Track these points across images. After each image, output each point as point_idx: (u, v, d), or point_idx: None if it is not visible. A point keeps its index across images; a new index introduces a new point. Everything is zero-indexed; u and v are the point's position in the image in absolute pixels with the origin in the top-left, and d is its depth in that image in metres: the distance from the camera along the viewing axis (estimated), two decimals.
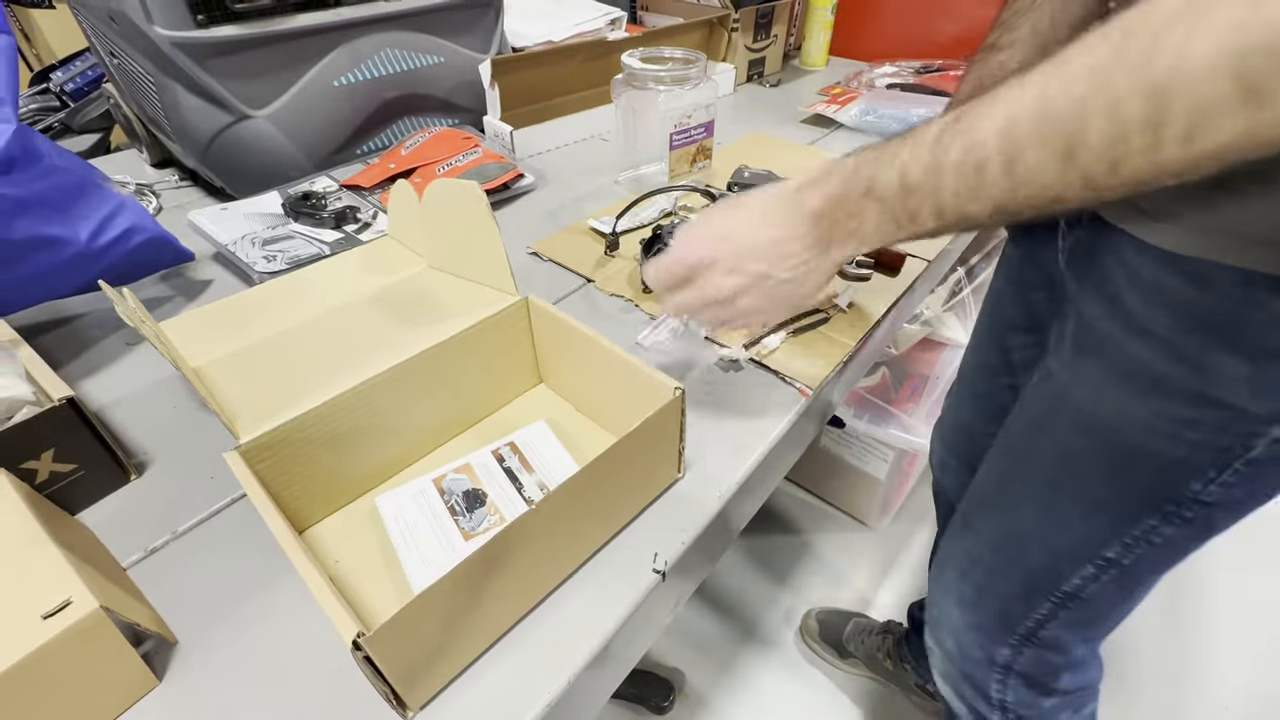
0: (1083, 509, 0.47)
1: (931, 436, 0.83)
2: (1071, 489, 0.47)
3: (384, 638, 0.26)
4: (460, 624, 0.32)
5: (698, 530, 0.42)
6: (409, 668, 0.30)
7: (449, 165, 0.76)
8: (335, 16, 0.72)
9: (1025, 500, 0.51)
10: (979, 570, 0.57)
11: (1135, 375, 0.40)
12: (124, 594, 0.35)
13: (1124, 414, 0.42)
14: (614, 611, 0.37)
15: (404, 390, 0.43)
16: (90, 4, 0.69)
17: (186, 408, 0.50)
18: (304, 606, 0.38)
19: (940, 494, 0.84)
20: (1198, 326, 0.37)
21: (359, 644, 0.25)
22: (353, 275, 0.55)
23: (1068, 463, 0.47)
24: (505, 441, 0.45)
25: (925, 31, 1.25)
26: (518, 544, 0.32)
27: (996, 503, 0.55)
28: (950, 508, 0.81)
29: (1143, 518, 0.44)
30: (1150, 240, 0.37)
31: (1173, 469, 0.41)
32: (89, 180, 0.53)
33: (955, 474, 0.78)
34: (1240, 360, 0.36)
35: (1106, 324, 0.41)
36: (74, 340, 0.57)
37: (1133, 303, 0.40)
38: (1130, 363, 0.40)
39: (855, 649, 1.05)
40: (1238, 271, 0.34)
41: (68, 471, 0.41)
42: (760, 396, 0.52)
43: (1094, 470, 0.45)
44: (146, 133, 0.84)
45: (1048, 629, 0.53)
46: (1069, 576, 0.49)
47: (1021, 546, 0.52)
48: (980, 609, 0.57)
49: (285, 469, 0.37)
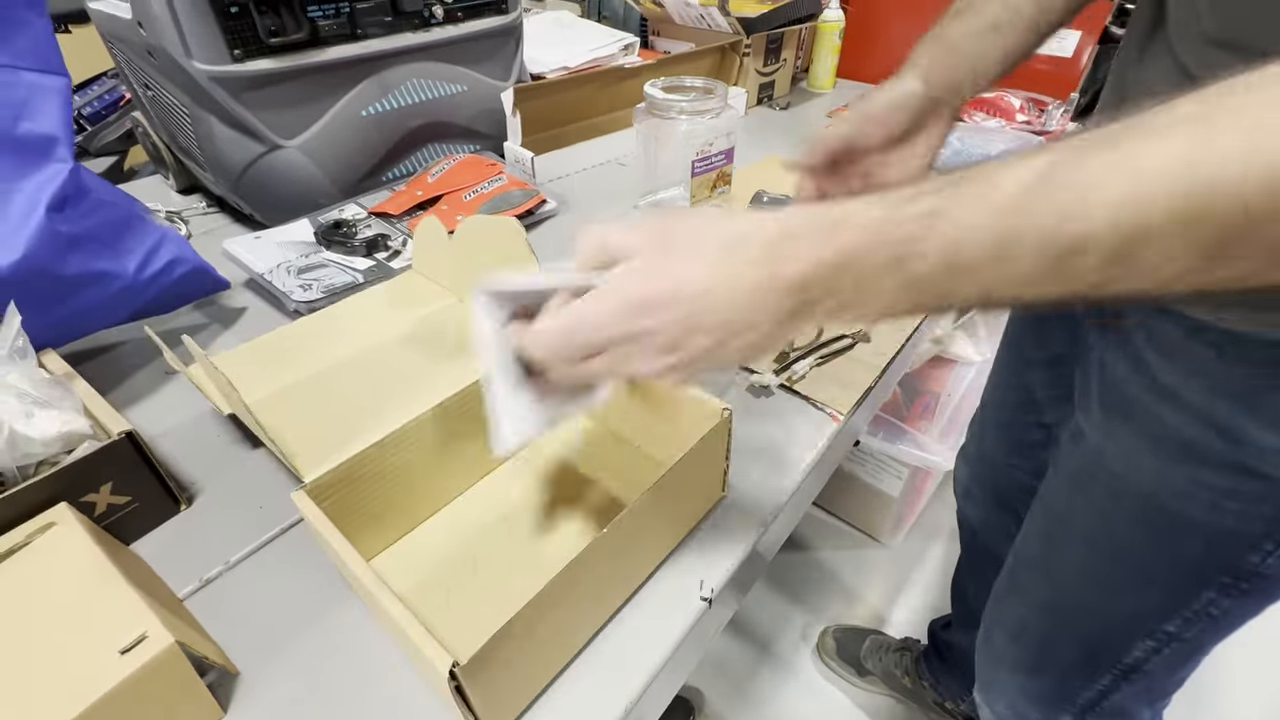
0: (1133, 580, 0.45)
1: (955, 463, 0.83)
2: (1117, 557, 0.46)
3: (474, 668, 0.27)
4: (531, 658, 0.33)
5: (741, 557, 0.43)
6: (493, 698, 0.31)
7: (475, 192, 0.77)
8: (364, 49, 0.74)
9: (1072, 566, 0.50)
10: (1032, 636, 0.55)
11: (1167, 441, 0.39)
12: (187, 626, 0.36)
13: (1161, 481, 0.40)
14: (665, 640, 0.38)
15: (449, 425, 0.44)
16: (127, 39, 0.70)
17: (229, 438, 0.51)
18: (359, 636, 0.38)
19: (964, 522, 0.84)
20: (1227, 394, 0.35)
21: (454, 674, 0.26)
22: (382, 311, 0.56)
23: (1109, 529, 0.45)
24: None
25: None
26: (588, 568, 0.33)
27: (1043, 565, 0.53)
28: (974, 535, 0.82)
29: (1199, 592, 0.42)
30: (1173, 305, 0.36)
31: (1223, 540, 0.39)
32: (134, 214, 0.54)
33: (979, 504, 0.78)
34: (1274, 432, 0.34)
35: (1133, 385, 0.40)
36: (114, 369, 0.58)
37: (1158, 366, 0.38)
38: (1161, 428, 0.39)
39: (873, 666, 1.06)
40: (1268, 341, 0.33)
41: (123, 504, 0.42)
42: (792, 422, 0.53)
43: (1138, 538, 0.43)
44: (175, 160, 0.86)
45: (1111, 699, 0.51)
46: (1129, 649, 0.48)
47: (1074, 614, 0.51)
48: (1038, 677, 0.56)
49: (346, 506, 0.38)
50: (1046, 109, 1.05)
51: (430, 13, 0.78)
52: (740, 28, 1.10)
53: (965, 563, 0.87)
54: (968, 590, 0.87)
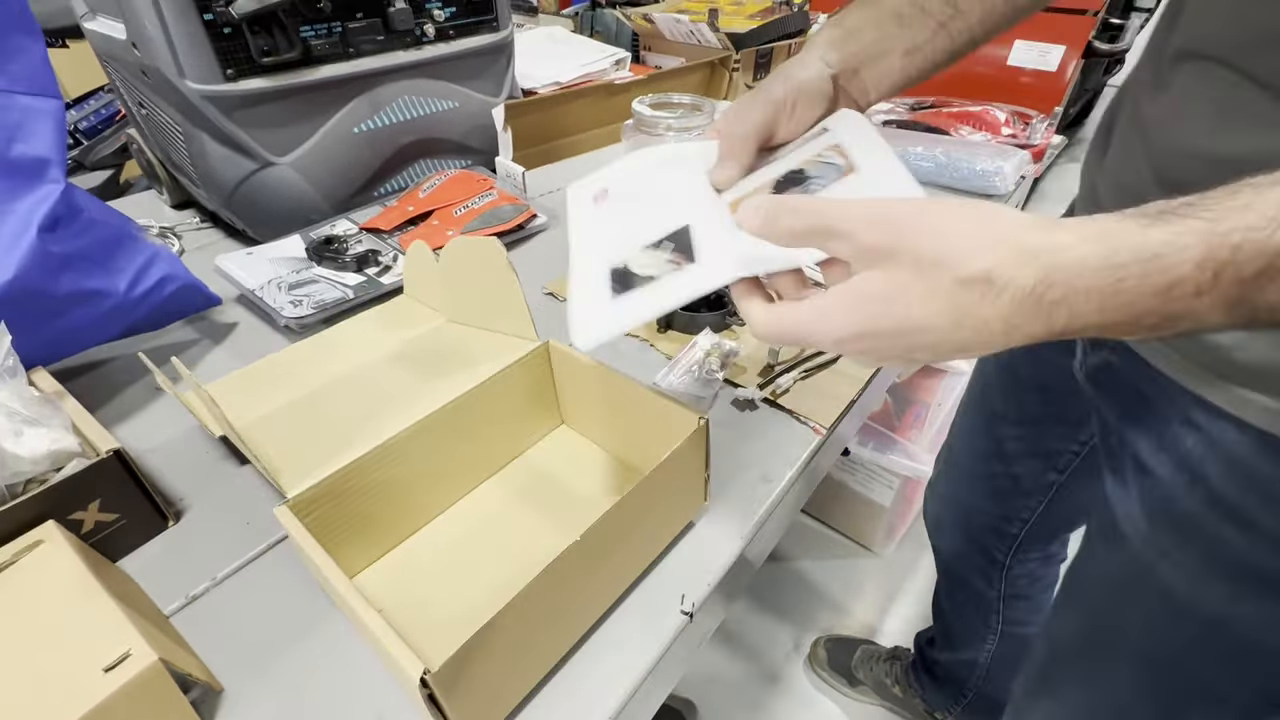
0: (1200, 703, 0.42)
1: (925, 495, 0.85)
2: (1181, 677, 0.42)
3: (447, 675, 0.28)
4: (508, 667, 0.33)
5: (721, 571, 0.44)
6: (469, 708, 0.31)
7: (466, 208, 0.78)
8: (356, 67, 0.75)
9: (1121, 676, 0.45)
10: None
11: (1239, 569, 0.35)
12: (172, 643, 0.37)
13: (1234, 609, 0.37)
14: (647, 653, 0.39)
15: (434, 440, 0.44)
16: (122, 58, 0.71)
17: (218, 454, 0.52)
18: (344, 651, 0.39)
19: (937, 551, 0.86)
20: None
21: (426, 681, 0.27)
22: (373, 333, 0.57)
23: (1171, 648, 0.41)
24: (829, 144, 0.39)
25: None
26: (563, 574, 0.34)
27: (1084, 671, 0.49)
28: (947, 565, 0.84)
29: (1273, 716, 0.39)
30: (1230, 410, 0.33)
31: None
32: (125, 232, 0.55)
33: (950, 538, 0.79)
34: None
35: (1189, 501, 0.36)
36: (105, 385, 0.58)
37: (1220, 482, 0.35)
38: (1230, 554, 0.35)
39: (864, 676, 1.06)
40: None
41: (111, 521, 0.43)
42: (775, 435, 0.54)
43: (1203, 661, 0.40)
44: (169, 176, 0.86)
45: None
46: None
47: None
48: None
49: (328, 522, 0.39)
50: (1031, 122, 1.07)
51: (422, 31, 0.80)
52: (730, 43, 1.12)
53: (942, 587, 0.88)
54: (946, 611, 0.89)
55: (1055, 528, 0.70)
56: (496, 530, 0.46)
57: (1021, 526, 0.70)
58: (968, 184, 0.93)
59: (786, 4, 1.26)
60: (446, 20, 0.81)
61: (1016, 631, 0.80)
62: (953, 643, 0.89)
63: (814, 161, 0.37)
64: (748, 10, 1.24)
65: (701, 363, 0.58)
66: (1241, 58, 0.31)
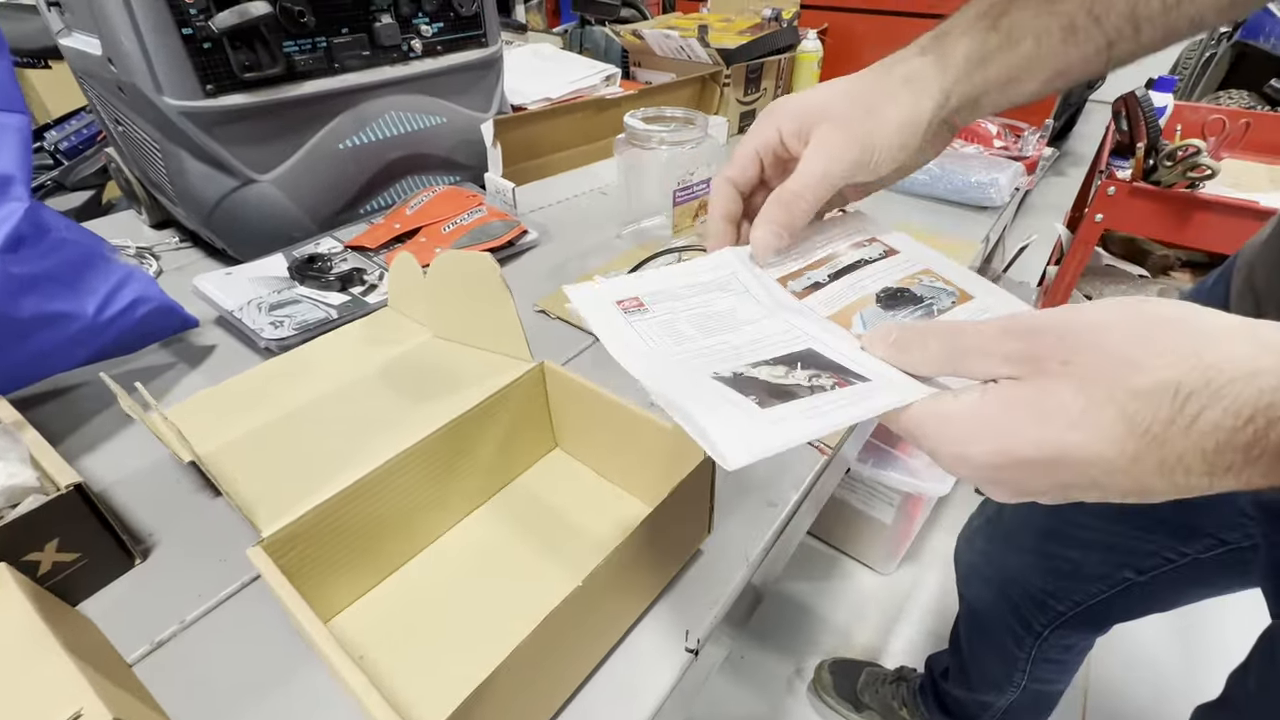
0: None
1: (958, 545, 0.80)
2: None
3: None
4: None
5: (727, 603, 0.41)
6: None
7: (454, 224, 0.76)
8: (342, 83, 0.73)
9: None
10: None
11: None
12: (132, 698, 0.33)
13: None
14: (650, 698, 0.36)
15: (421, 469, 0.42)
16: (98, 75, 0.69)
17: (191, 485, 0.49)
18: (323, 702, 0.36)
19: (963, 596, 0.81)
20: None
21: None
22: (356, 349, 0.54)
23: None
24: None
25: None
26: (564, 624, 0.31)
27: None
28: (972, 612, 0.80)
29: None
30: None
31: None
32: (96, 252, 0.53)
33: (983, 592, 0.74)
34: None
35: None
36: (71, 413, 0.55)
37: None
38: None
39: (870, 700, 1.03)
40: None
41: (71, 561, 0.39)
42: (779, 457, 0.51)
43: None
44: (147, 195, 0.84)
45: None
46: None
47: None
48: None
49: (307, 560, 0.36)
50: (1023, 135, 1.07)
51: (409, 46, 0.78)
52: (720, 58, 1.11)
53: (964, 628, 0.84)
54: (966, 654, 0.84)
55: (1113, 617, 0.64)
56: (488, 562, 0.43)
57: (1072, 608, 0.63)
58: (963, 196, 0.92)
59: (776, 19, 1.26)
60: (434, 36, 0.80)
61: (1039, 688, 0.77)
62: (970, 683, 0.85)
63: (917, 282, 0.33)
64: (737, 26, 1.24)
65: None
66: None
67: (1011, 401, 0.21)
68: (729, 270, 0.35)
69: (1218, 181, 0.98)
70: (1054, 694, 0.80)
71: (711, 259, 0.35)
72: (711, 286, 0.34)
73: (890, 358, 0.26)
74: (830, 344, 0.29)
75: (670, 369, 0.28)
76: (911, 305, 0.31)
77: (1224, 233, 0.97)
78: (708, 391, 0.26)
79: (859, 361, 0.28)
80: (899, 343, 0.25)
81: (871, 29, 1.30)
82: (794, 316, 0.31)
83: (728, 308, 0.32)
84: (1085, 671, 1.10)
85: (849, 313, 0.31)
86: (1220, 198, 0.95)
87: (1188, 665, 1.11)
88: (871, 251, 0.35)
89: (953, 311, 0.31)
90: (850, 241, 0.36)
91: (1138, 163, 1.02)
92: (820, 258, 0.35)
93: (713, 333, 0.30)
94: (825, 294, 0.33)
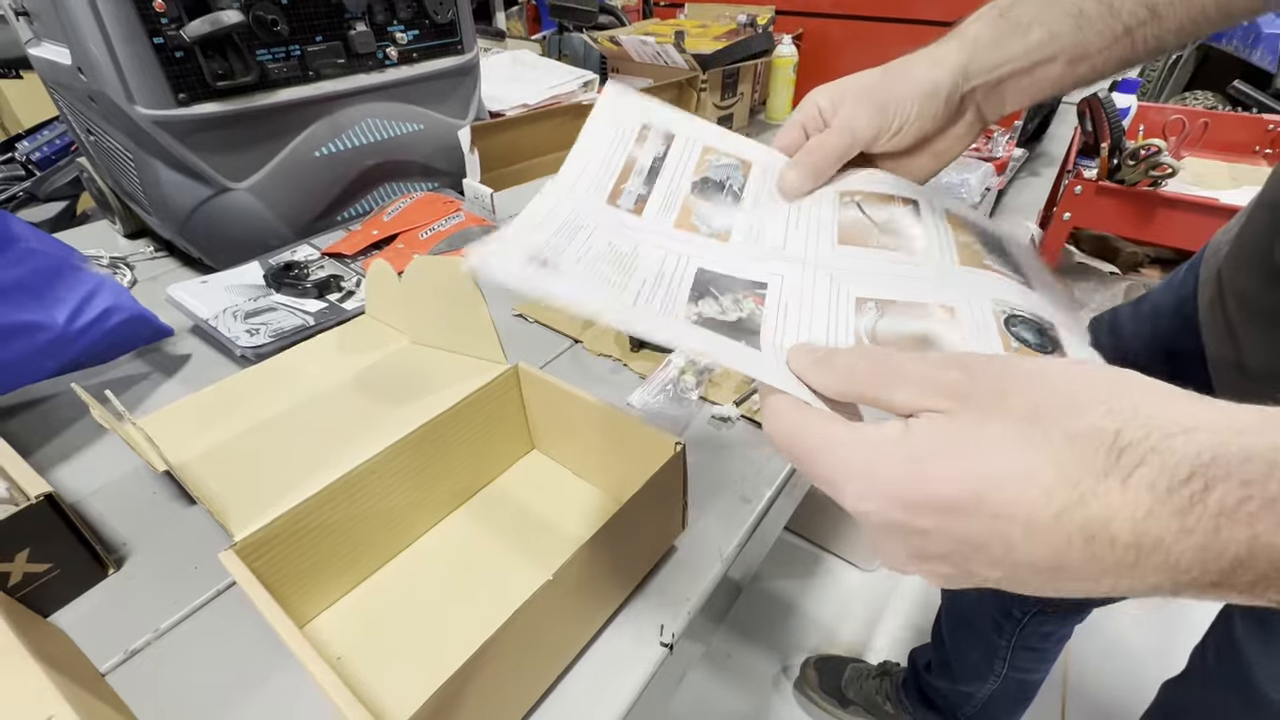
0: None
1: None
2: None
3: None
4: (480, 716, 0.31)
5: (702, 598, 0.42)
6: None
7: (432, 230, 0.77)
8: (317, 90, 0.73)
9: None
10: None
11: None
12: (106, 706, 0.33)
13: None
14: (624, 692, 0.36)
15: (397, 472, 0.42)
16: (69, 85, 0.69)
17: (165, 494, 0.49)
18: (301, 705, 0.36)
19: (946, 590, 0.85)
20: None
21: None
22: (333, 357, 0.55)
23: None
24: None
25: None
26: (534, 619, 0.32)
27: None
28: (957, 604, 0.82)
29: None
30: None
31: None
32: (66, 262, 0.52)
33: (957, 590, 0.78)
34: None
35: None
36: (44, 424, 0.55)
37: None
38: None
39: (855, 695, 1.04)
40: None
41: (42, 571, 0.39)
42: (756, 453, 0.52)
43: None
44: (121, 205, 0.83)
45: None
46: None
47: None
48: None
49: (281, 564, 0.36)
50: (993, 136, 1.09)
51: (384, 54, 0.79)
52: (696, 64, 1.13)
53: (946, 621, 0.86)
54: (948, 646, 0.87)
55: (1093, 601, 0.66)
56: (466, 564, 0.44)
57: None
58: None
59: (751, 25, 1.28)
60: (410, 43, 0.81)
61: (1020, 677, 0.79)
62: (951, 675, 0.87)
63: (708, 165, 0.36)
64: (713, 32, 1.26)
65: (676, 381, 0.57)
66: None
67: (937, 433, 0.19)
68: (574, 203, 0.33)
69: (1179, 179, 1.01)
70: (1034, 683, 0.81)
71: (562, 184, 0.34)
72: (575, 224, 0.32)
73: (805, 372, 0.23)
74: (710, 255, 0.32)
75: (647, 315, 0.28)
76: (717, 189, 0.35)
77: (1186, 229, 0.99)
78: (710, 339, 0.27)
79: (745, 268, 0.31)
80: (821, 360, 0.23)
81: (845, 33, 1.32)
82: (654, 238, 0.32)
83: (610, 248, 0.31)
84: (1064, 662, 1.12)
85: (685, 216, 0.34)
86: (1182, 195, 0.98)
87: (1162, 649, 1.13)
88: (658, 147, 0.37)
89: (746, 185, 0.34)
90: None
91: (1103, 162, 1.05)
92: (622, 167, 0.35)
93: (627, 278, 0.29)
94: (656, 203, 0.34)
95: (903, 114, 0.33)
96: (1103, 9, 0.31)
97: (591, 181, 0.34)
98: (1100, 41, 0.32)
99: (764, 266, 0.31)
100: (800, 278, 0.31)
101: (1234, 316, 0.39)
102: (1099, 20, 0.31)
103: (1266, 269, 0.35)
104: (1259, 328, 0.37)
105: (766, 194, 0.36)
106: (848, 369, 0.22)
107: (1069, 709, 1.07)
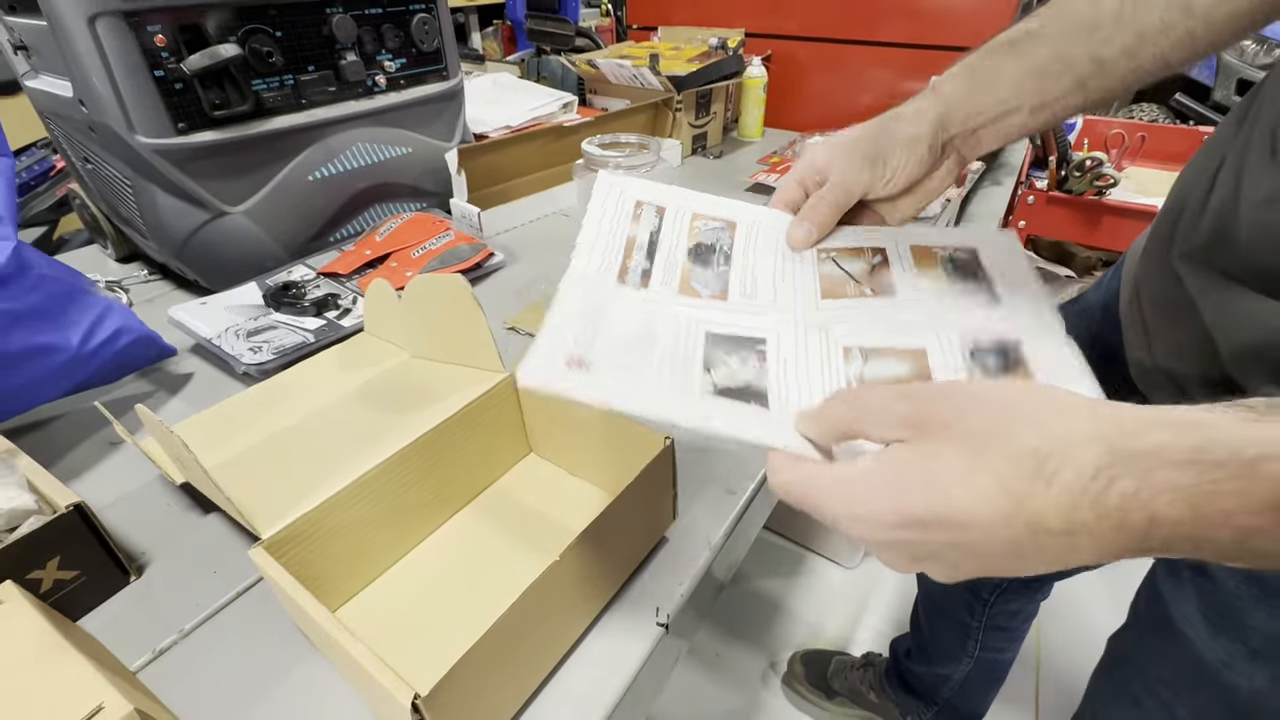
0: None
1: None
2: None
3: (438, 698, 0.29)
4: (495, 688, 0.34)
5: (694, 582, 0.45)
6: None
7: (423, 249, 0.80)
8: (309, 118, 0.77)
9: None
10: None
11: None
12: (144, 696, 0.36)
13: None
14: (625, 667, 0.40)
15: (406, 474, 0.45)
16: (67, 116, 0.71)
17: (180, 505, 0.51)
18: (321, 695, 0.39)
19: (921, 577, 0.89)
20: None
21: (417, 706, 0.28)
22: (335, 372, 0.57)
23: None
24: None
25: (846, 103, 1.39)
26: (541, 597, 0.35)
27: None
28: (931, 590, 0.87)
29: None
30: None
31: None
32: (77, 286, 0.55)
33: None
34: None
35: (1255, 614, 0.37)
36: (55, 442, 0.57)
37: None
38: None
39: (840, 686, 1.07)
40: None
41: (71, 579, 0.42)
42: (734, 450, 0.56)
43: None
44: (114, 230, 0.85)
45: None
46: None
47: None
48: None
49: (303, 561, 0.39)
50: None
51: (374, 81, 0.82)
52: (671, 86, 1.18)
53: (922, 607, 0.92)
54: (925, 631, 0.92)
55: (1048, 577, 0.73)
56: (471, 561, 0.47)
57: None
58: None
59: (722, 48, 1.34)
60: (397, 70, 0.84)
61: (991, 656, 0.84)
62: (929, 658, 0.92)
63: (699, 231, 0.39)
64: (686, 54, 1.32)
65: None
66: None
67: (903, 464, 0.23)
68: (588, 290, 0.36)
69: (1123, 188, 1.09)
70: (1004, 662, 0.86)
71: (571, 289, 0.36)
72: (594, 312, 0.35)
73: (804, 428, 0.27)
74: (714, 317, 0.35)
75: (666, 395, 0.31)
76: (710, 252, 0.38)
77: (1129, 234, 1.07)
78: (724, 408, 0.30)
79: (745, 325, 0.34)
80: (814, 414, 0.27)
81: (812, 55, 1.39)
82: (664, 308, 0.36)
83: (630, 327, 0.35)
84: (1035, 640, 1.18)
85: (685, 283, 0.37)
86: (1123, 203, 1.05)
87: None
88: (653, 219, 0.40)
89: (734, 245, 0.38)
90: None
91: (1051, 174, 1.12)
92: (624, 245, 0.39)
93: (650, 353, 0.33)
94: (659, 275, 0.38)
95: (893, 165, 0.38)
96: (1060, 66, 0.36)
97: (599, 265, 0.38)
98: (1058, 91, 0.37)
99: (762, 321, 0.35)
100: (794, 333, 0.35)
101: (1146, 313, 0.44)
102: (1056, 76, 0.37)
103: (1167, 270, 0.40)
104: (1162, 322, 0.42)
105: (754, 250, 0.39)
106: (832, 417, 0.27)
107: (1042, 686, 1.12)
